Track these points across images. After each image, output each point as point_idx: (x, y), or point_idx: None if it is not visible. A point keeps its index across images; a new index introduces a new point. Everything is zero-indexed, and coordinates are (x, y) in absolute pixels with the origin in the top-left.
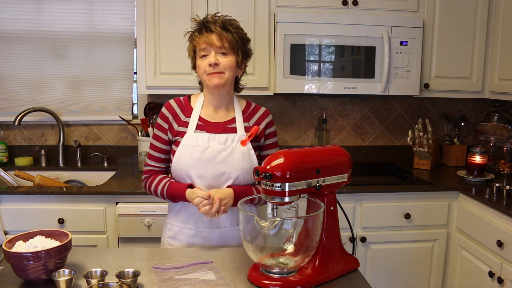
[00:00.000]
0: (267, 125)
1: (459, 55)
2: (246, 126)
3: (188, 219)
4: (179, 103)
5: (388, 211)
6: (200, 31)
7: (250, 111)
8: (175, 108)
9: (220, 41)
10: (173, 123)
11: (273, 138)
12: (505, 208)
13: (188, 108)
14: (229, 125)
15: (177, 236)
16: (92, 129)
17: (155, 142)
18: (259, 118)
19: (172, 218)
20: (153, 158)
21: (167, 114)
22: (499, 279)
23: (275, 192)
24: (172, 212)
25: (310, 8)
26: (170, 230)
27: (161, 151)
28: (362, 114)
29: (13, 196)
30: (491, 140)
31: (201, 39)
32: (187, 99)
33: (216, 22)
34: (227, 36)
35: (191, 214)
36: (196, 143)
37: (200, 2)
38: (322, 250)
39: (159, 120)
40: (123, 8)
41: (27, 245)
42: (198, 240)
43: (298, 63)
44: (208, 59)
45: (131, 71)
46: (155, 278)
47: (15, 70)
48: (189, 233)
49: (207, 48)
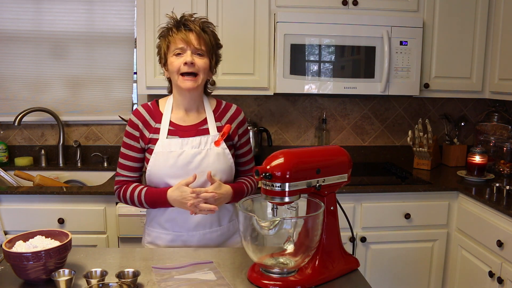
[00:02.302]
0: (239, 124)
1: (459, 55)
2: (219, 125)
3: (165, 224)
4: (148, 109)
5: (388, 211)
6: (178, 27)
7: (221, 110)
8: (144, 115)
9: (198, 42)
10: (144, 130)
11: (246, 136)
12: (505, 208)
13: (158, 113)
14: (201, 126)
15: (156, 241)
16: (92, 129)
17: (127, 151)
18: (231, 117)
19: (149, 223)
20: (125, 168)
21: (137, 121)
22: (499, 279)
23: (275, 192)
24: (149, 218)
25: (310, 8)
26: (149, 236)
27: (133, 159)
28: (362, 114)
29: (13, 196)
30: (491, 140)
31: (178, 36)
32: (155, 104)
33: (195, 21)
34: (205, 37)
35: (168, 219)
36: (170, 149)
37: (200, 2)
38: (322, 250)
39: (129, 129)
40: (123, 8)
41: (27, 245)
42: (178, 244)
43: (298, 63)
44: (183, 58)
45: (131, 71)
46: (155, 278)
47: (15, 70)
48: (168, 238)
49: (184, 47)
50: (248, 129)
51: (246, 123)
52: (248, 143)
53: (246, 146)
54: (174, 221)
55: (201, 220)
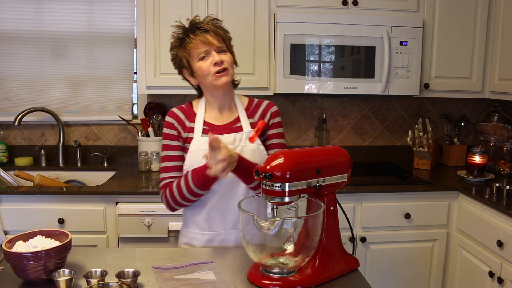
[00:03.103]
0: (271, 115)
1: (459, 55)
2: (252, 122)
3: (202, 224)
4: (182, 109)
5: (388, 211)
6: (193, 32)
7: (253, 107)
8: (179, 115)
9: (217, 40)
10: (179, 129)
11: (278, 129)
12: (505, 208)
13: (192, 113)
14: (235, 124)
15: (192, 242)
16: (92, 129)
17: (169, 153)
18: (263, 111)
19: (186, 224)
20: (171, 169)
21: (172, 121)
22: (499, 279)
23: (275, 192)
24: (186, 218)
25: (310, 8)
26: (185, 236)
27: (178, 158)
28: (362, 114)
29: (13, 196)
30: (491, 140)
31: (197, 40)
32: (189, 105)
33: (205, 22)
34: (221, 34)
35: (205, 218)
36: (205, 147)
37: (200, 2)
38: (322, 250)
39: (166, 130)
40: (123, 8)
41: (27, 245)
42: (215, 244)
43: (298, 63)
44: (210, 59)
45: (131, 71)
46: (155, 278)
47: (15, 70)
48: (204, 238)
49: (207, 49)
50: (280, 122)
51: (279, 116)
52: (279, 136)
53: (275, 138)
54: (211, 220)
55: (237, 218)
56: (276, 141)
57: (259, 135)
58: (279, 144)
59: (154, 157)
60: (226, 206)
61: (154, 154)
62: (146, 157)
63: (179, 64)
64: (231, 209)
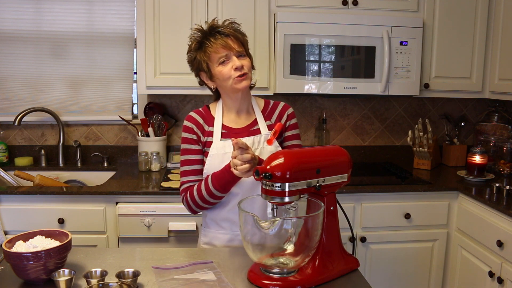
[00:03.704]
0: (287, 117)
1: (459, 55)
2: (269, 124)
3: (222, 223)
4: (200, 114)
5: (388, 211)
6: (213, 36)
7: (270, 109)
8: (198, 119)
9: (238, 45)
10: (199, 133)
11: (294, 130)
12: (505, 208)
13: (210, 117)
14: (252, 127)
15: (213, 242)
16: (92, 129)
17: (189, 157)
18: (280, 113)
19: (206, 224)
20: (191, 173)
21: (191, 125)
22: (499, 279)
23: (275, 192)
24: (206, 218)
25: (310, 8)
26: (205, 236)
27: (197, 162)
28: (362, 114)
29: (13, 196)
30: (491, 140)
31: (218, 44)
32: (206, 109)
33: (225, 26)
34: (241, 39)
35: (225, 218)
36: (224, 151)
37: (200, 2)
38: (322, 250)
39: (185, 134)
40: (123, 8)
41: (27, 245)
42: (235, 243)
43: (298, 63)
44: (231, 64)
45: (131, 71)
46: (155, 278)
47: (15, 70)
48: (225, 238)
49: (227, 53)
50: (296, 123)
51: (295, 118)
52: (295, 138)
53: (292, 140)
54: (231, 220)
55: None
56: (293, 143)
57: (276, 137)
58: (296, 145)
59: (154, 157)
60: None
61: (154, 154)
62: (146, 157)
63: (198, 67)
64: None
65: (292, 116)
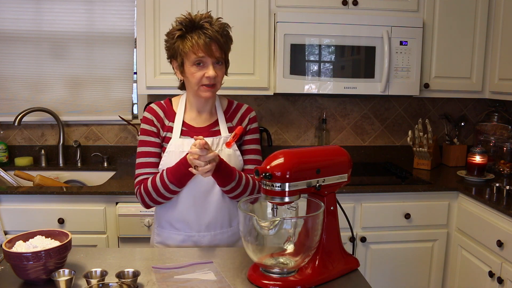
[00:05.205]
0: (249, 121)
1: (459, 55)
2: (230, 126)
3: (176, 224)
4: (161, 107)
5: (388, 211)
6: (197, 34)
7: (232, 110)
8: (158, 112)
9: (219, 51)
10: (159, 127)
11: (254, 134)
12: (505, 208)
13: (171, 112)
14: (213, 128)
15: (167, 241)
16: (92, 129)
17: (146, 149)
18: (242, 116)
19: (159, 223)
20: (146, 165)
21: (151, 117)
22: (499, 279)
23: (275, 192)
24: (159, 218)
25: (310, 8)
26: (159, 236)
27: (155, 155)
28: (362, 114)
29: (13, 196)
30: (491, 140)
31: (199, 45)
32: (168, 102)
33: (212, 25)
34: (224, 43)
35: (179, 219)
36: (182, 149)
37: (200, 2)
38: (322, 250)
39: (145, 126)
40: (123, 8)
41: (27, 245)
42: (188, 244)
43: (298, 63)
44: (205, 71)
45: (131, 71)
46: (155, 278)
47: (15, 70)
48: (179, 238)
49: (205, 58)
50: (257, 128)
51: (256, 122)
52: (255, 142)
53: (251, 144)
54: (185, 222)
55: (211, 221)
56: (251, 147)
57: (236, 140)
58: (255, 150)
59: None
60: (200, 208)
61: None
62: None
63: (173, 54)
64: (205, 212)
65: (253, 120)
